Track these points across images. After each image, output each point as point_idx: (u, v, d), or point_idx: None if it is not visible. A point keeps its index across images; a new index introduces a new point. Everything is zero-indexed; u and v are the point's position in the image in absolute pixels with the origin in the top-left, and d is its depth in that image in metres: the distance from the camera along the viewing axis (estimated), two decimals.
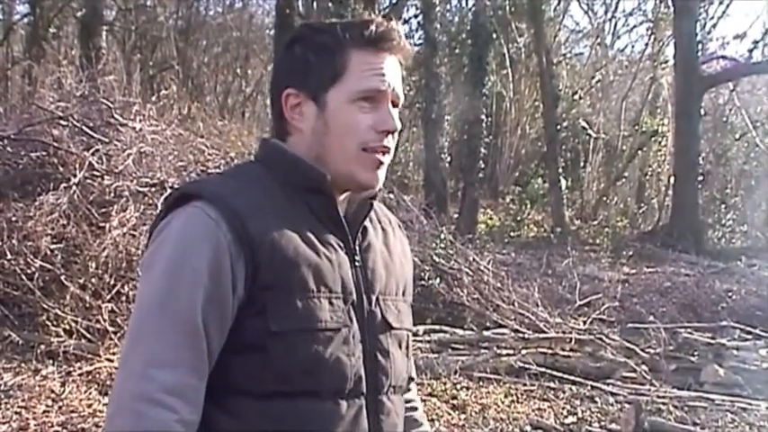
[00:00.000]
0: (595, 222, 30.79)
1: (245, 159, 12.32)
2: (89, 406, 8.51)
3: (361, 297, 2.38)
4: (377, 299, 2.43)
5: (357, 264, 2.40)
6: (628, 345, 12.11)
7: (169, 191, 10.10)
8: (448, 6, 33.25)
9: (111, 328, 9.86)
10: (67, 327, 10.13)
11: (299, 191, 2.36)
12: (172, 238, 2.26)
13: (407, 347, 2.56)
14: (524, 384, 10.62)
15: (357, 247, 2.42)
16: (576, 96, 35.07)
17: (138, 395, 2.13)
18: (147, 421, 2.11)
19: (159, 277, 2.22)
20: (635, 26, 46.70)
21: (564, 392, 10.45)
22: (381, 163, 2.41)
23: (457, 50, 31.17)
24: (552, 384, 10.68)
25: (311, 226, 2.33)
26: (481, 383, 10.57)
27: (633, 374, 11.16)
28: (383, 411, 2.40)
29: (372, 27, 2.38)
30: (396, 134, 2.43)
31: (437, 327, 12.89)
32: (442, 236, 15.29)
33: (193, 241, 2.22)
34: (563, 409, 9.90)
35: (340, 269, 2.33)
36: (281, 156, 2.43)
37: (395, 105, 2.42)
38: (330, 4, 22.95)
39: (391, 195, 15.97)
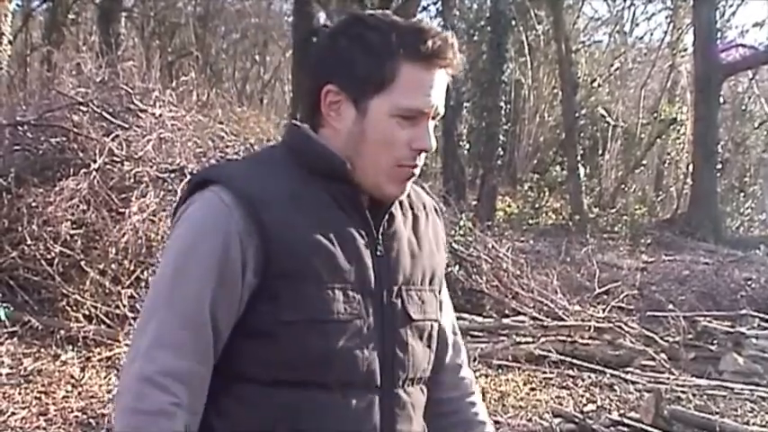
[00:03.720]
0: (614, 210, 30.65)
1: (264, 146, 12.33)
2: (108, 391, 8.53)
3: (380, 288, 2.33)
4: (399, 290, 2.38)
5: (379, 253, 2.35)
6: (647, 333, 12.09)
7: (190, 175, 10.15)
8: None
9: (130, 314, 9.87)
10: (87, 312, 10.15)
11: (321, 179, 2.32)
12: (187, 223, 2.29)
13: (430, 338, 2.49)
14: (543, 372, 10.61)
15: (380, 236, 2.37)
16: (595, 84, 35.07)
17: (139, 375, 2.18)
18: (145, 401, 2.15)
19: (172, 262, 2.28)
20: (654, 14, 46.54)
21: (583, 380, 10.44)
22: (412, 177, 2.38)
23: (476, 38, 31.02)
24: (571, 372, 10.67)
25: (331, 215, 2.30)
26: (500, 371, 10.56)
27: (652, 363, 11.13)
28: (398, 405, 2.36)
29: (429, 42, 2.29)
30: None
31: (456, 314, 12.87)
32: (461, 223, 15.25)
33: (205, 228, 2.24)
34: (582, 396, 9.89)
35: (358, 260, 2.30)
36: (306, 142, 2.38)
37: (433, 119, 2.36)
38: None
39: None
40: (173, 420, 2.16)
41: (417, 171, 2.38)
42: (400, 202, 2.47)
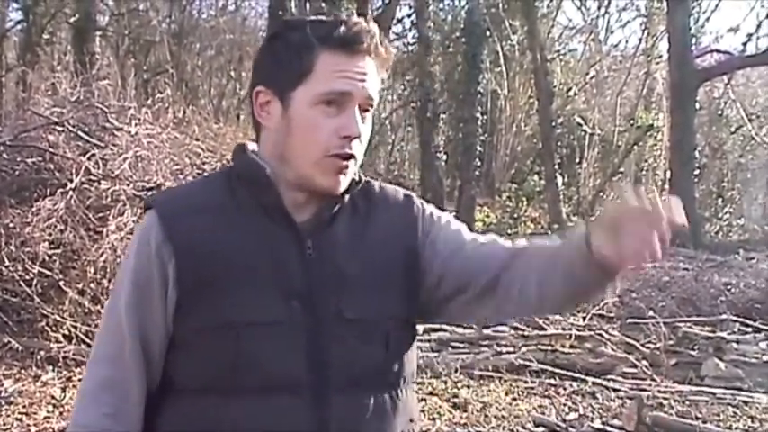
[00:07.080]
0: (592, 218, 30.69)
1: None
2: None
3: (310, 289, 2.31)
4: (334, 290, 2.33)
5: (309, 254, 2.33)
6: (628, 340, 12.09)
7: None
8: (441, 5, 33.32)
9: None
10: (67, 332, 10.14)
11: (249, 187, 2.37)
12: (129, 246, 2.46)
13: (387, 338, 2.38)
14: (525, 381, 10.59)
15: (312, 238, 2.35)
16: (571, 92, 35.21)
17: (81, 389, 2.41)
18: (83, 413, 2.36)
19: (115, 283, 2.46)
20: (628, 21, 47.33)
21: (565, 389, 10.42)
22: (345, 168, 2.35)
23: (451, 49, 31.14)
24: (553, 381, 10.65)
25: (254, 221, 2.33)
26: (482, 381, 10.54)
27: (634, 370, 11.13)
28: (336, 408, 2.29)
29: (342, 28, 2.31)
30: (363, 139, 2.37)
31: (437, 325, 12.86)
32: None
33: (132, 248, 2.39)
34: (564, 405, 9.87)
35: (282, 263, 2.31)
36: (237, 155, 2.49)
37: (365, 110, 2.35)
38: (323, 5, 22.94)
39: None
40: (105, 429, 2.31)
41: (353, 163, 2.37)
42: (353, 201, 2.45)
